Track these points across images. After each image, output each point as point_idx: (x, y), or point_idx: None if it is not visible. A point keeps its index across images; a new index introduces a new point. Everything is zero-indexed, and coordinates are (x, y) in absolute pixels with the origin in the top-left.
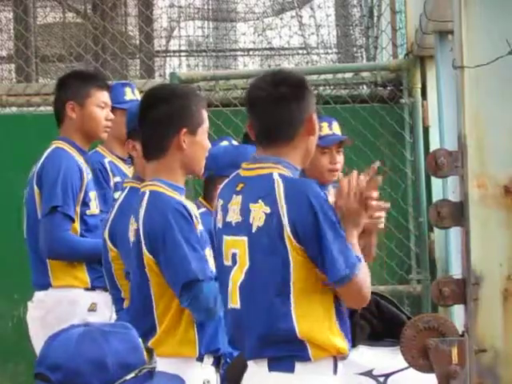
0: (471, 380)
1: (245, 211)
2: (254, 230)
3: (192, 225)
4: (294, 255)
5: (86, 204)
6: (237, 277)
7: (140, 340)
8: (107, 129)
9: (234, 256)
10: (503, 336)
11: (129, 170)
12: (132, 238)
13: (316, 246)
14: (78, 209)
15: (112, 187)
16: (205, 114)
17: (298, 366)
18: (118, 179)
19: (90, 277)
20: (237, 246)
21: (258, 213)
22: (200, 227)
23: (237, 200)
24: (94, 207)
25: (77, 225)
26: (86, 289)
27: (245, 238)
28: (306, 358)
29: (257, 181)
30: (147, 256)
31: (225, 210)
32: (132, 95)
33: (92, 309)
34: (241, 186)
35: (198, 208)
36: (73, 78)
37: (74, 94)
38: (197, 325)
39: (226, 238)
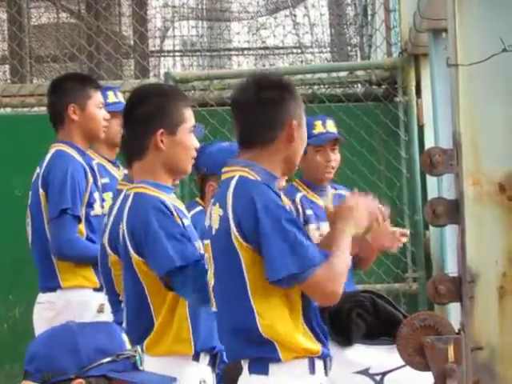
0: (468, 378)
1: (210, 215)
2: (213, 233)
3: (171, 218)
4: (244, 255)
5: (90, 205)
6: (210, 280)
7: (121, 332)
8: (105, 129)
9: (207, 260)
10: (499, 333)
11: (117, 172)
12: (121, 240)
13: (260, 246)
14: (84, 210)
15: (100, 188)
16: (186, 112)
17: (272, 367)
18: (105, 180)
19: (97, 276)
20: (207, 250)
21: (216, 216)
22: (187, 222)
23: (211, 204)
24: (98, 208)
25: (82, 226)
26: (95, 289)
27: (209, 242)
28: (277, 359)
29: (223, 184)
30: (134, 256)
31: (208, 215)
32: (114, 98)
33: (100, 310)
34: (217, 190)
35: (195, 207)
36: (70, 81)
37: (74, 97)
38: (191, 322)
39: (205, 242)
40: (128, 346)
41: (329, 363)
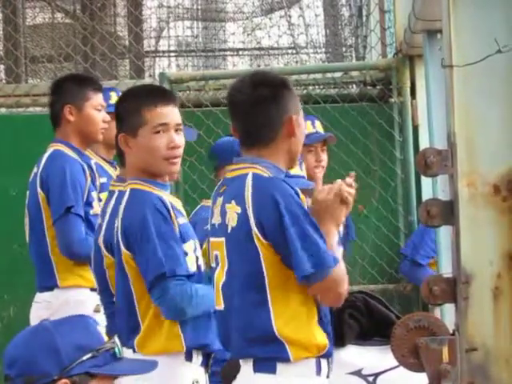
0: (462, 379)
1: (223, 212)
2: (229, 231)
3: (168, 220)
4: (264, 253)
5: (89, 204)
6: (219, 278)
7: (97, 324)
8: (103, 131)
9: (216, 258)
10: (494, 334)
11: (114, 173)
12: (115, 238)
13: (282, 243)
14: (83, 209)
15: (98, 187)
16: (148, 114)
17: (280, 367)
18: (103, 180)
19: None
20: (218, 248)
21: (232, 213)
22: (182, 221)
23: (219, 202)
24: (97, 207)
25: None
26: (92, 289)
27: (223, 239)
28: (286, 359)
29: (234, 182)
30: (125, 252)
31: (211, 213)
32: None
33: (97, 310)
34: (223, 188)
35: None
36: (69, 82)
37: (71, 98)
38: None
39: (211, 240)
40: (105, 337)
41: (330, 365)
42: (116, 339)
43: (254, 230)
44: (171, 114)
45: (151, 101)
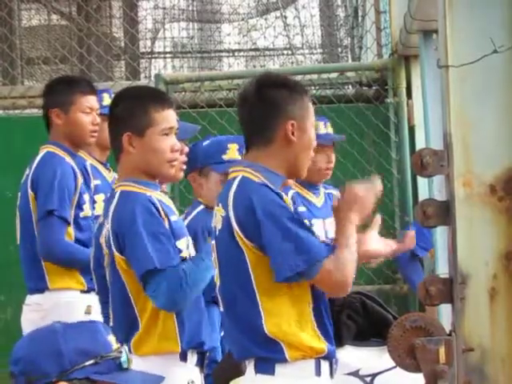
0: (459, 379)
1: (215, 215)
2: (217, 233)
3: (157, 218)
4: (249, 254)
5: (80, 207)
6: (217, 281)
7: (106, 331)
8: (94, 133)
9: (214, 260)
10: (490, 335)
11: (108, 175)
12: (107, 239)
13: (263, 246)
14: (73, 212)
15: (92, 189)
16: (157, 115)
17: (278, 368)
18: (97, 182)
19: (84, 278)
20: (213, 250)
21: (219, 216)
22: (174, 218)
23: (215, 204)
24: (88, 209)
25: (71, 228)
26: (82, 291)
27: (214, 242)
28: (283, 359)
29: (226, 185)
30: (117, 255)
31: (213, 215)
32: (109, 100)
33: (88, 312)
34: (222, 190)
35: (197, 206)
36: (58, 85)
37: (58, 101)
38: (177, 319)
39: (212, 243)
40: (114, 345)
41: (334, 365)
42: (125, 349)
43: (237, 232)
44: (174, 117)
45: (159, 103)
